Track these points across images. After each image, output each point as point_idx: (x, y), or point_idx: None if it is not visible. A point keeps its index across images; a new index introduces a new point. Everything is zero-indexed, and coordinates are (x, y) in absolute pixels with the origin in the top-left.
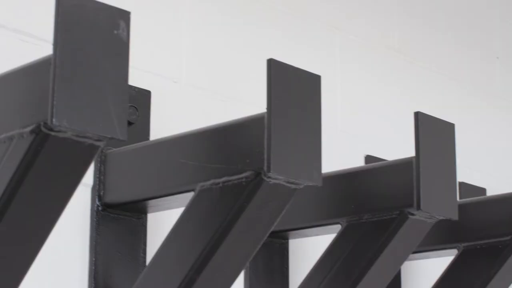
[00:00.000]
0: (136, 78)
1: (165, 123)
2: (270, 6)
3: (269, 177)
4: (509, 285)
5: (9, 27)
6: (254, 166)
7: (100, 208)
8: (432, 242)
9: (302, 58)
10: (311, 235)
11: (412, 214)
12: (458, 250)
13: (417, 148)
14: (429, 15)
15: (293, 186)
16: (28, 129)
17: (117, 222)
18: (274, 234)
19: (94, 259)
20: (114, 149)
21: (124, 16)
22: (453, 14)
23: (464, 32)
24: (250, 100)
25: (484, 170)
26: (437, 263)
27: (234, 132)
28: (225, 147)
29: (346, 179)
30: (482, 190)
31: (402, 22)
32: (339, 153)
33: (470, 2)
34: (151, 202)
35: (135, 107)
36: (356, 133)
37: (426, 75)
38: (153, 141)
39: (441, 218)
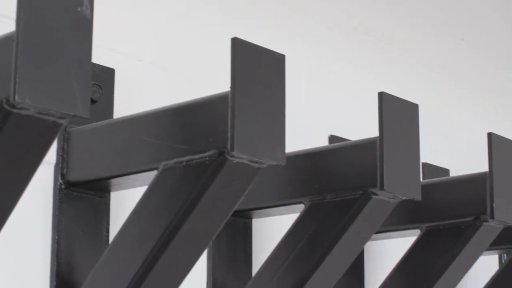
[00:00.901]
0: (100, 56)
1: (129, 102)
2: None
3: (232, 156)
4: (471, 265)
5: None
6: (217, 145)
7: (63, 187)
8: (395, 222)
9: (267, 38)
10: (274, 215)
11: (376, 194)
12: (421, 230)
13: (380, 129)
14: None
15: (256, 165)
16: None
17: (80, 200)
18: (237, 213)
19: (56, 237)
20: (78, 127)
21: None
22: None
23: (430, 14)
24: (214, 79)
25: (448, 151)
26: (400, 243)
27: (198, 111)
28: (188, 126)
29: (309, 159)
30: (446, 171)
31: (369, 4)
32: (303, 133)
33: None
34: (114, 181)
35: (98, 85)
36: (320, 113)
37: (392, 56)
38: (116, 119)
39: (404, 198)
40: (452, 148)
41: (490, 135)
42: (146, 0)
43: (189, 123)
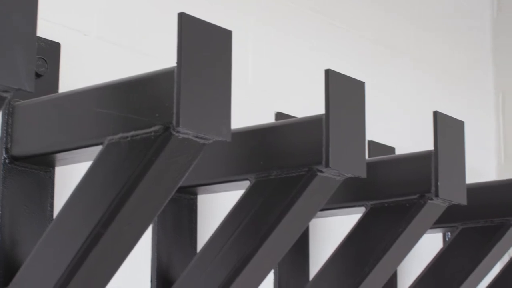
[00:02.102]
0: (46, 30)
1: (74, 76)
2: None
3: (178, 132)
4: (415, 243)
5: None
6: (163, 120)
7: (7, 161)
8: (340, 200)
9: (215, 13)
10: (219, 191)
11: (321, 172)
12: (366, 208)
13: (327, 106)
14: None
15: (202, 141)
16: None
17: (24, 175)
18: (182, 190)
19: (0, 212)
20: (22, 101)
21: None
22: None
23: None
24: (161, 54)
25: (394, 129)
26: (345, 221)
27: (144, 86)
28: (134, 101)
29: (255, 135)
30: (391, 149)
31: None
32: (250, 109)
33: None
34: (59, 156)
35: (44, 59)
36: (267, 90)
37: (340, 34)
38: (61, 93)
39: (349, 175)
40: (398, 126)
41: (435, 114)
42: None
43: (135, 98)
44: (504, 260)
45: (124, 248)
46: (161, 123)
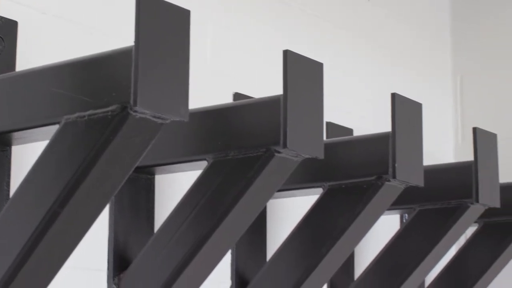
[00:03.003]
0: (3, 8)
1: (32, 55)
2: None
3: (135, 111)
4: (372, 224)
5: None
6: (120, 100)
7: None
8: (298, 181)
9: None
10: (177, 171)
11: (279, 152)
12: (323, 189)
13: (285, 87)
14: None
15: (159, 121)
16: None
17: None
18: (140, 169)
19: None
20: None
21: None
22: None
23: None
24: (119, 33)
25: (352, 111)
26: (302, 202)
27: (102, 65)
28: (91, 80)
29: (213, 116)
30: (349, 131)
31: None
32: (208, 89)
33: None
34: (16, 134)
35: (1, 38)
36: (225, 71)
37: (300, 15)
38: (18, 72)
39: (307, 156)
40: (356, 108)
41: (393, 96)
42: None
43: (92, 77)
44: (461, 241)
45: (81, 228)
46: (119, 102)
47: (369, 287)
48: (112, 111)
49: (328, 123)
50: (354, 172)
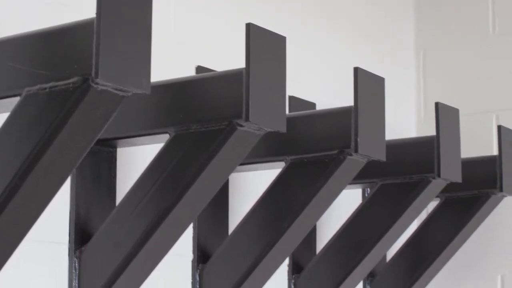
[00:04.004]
0: None
1: None
2: None
3: (96, 84)
4: (334, 199)
5: None
6: (81, 72)
7: None
8: (260, 154)
9: None
10: (139, 144)
11: (241, 126)
12: (285, 162)
13: (247, 60)
14: None
15: (121, 93)
16: None
17: None
18: (102, 142)
19: None
20: None
21: None
22: None
23: None
24: (80, 5)
25: (315, 84)
26: (265, 175)
27: (63, 37)
28: (53, 52)
29: (175, 89)
30: (312, 105)
31: None
32: (170, 63)
33: None
34: None
35: None
36: (188, 44)
37: None
38: None
39: (269, 130)
40: (319, 82)
41: (356, 70)
42: None
43: (54, 49)
44: (422, 216)
45: (42, 201)
46: (80, 74)
47: (331, 261)
48: (73, 83)
49: (290, 97)
50: (316, 146)
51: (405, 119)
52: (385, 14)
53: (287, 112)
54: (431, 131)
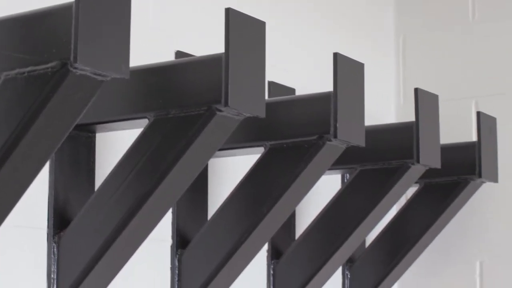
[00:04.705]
0: None
1: None
2: None
3: (75, 68)
4: (313, 184)
5: None
6: (60, 56)
7: None
8: (239, 140)
9: None
10: (118, 129)
11: (220, 111)
12: (264, 148)
13: (226, 45)
14: None
15: (100, 78)
16: None
17: None
18: (80, 127)
19: None
20: None
21: None
22: None
23: None
24: None
25: (295, 70)
26: (244, 161)
27: (41, 21)
28: (31, 36)
29: (155, 73)
30: (292, 90)
31: None
32: (150, 47)
33: None
34: None
35: None
36: (168, 28)
37: None
38: None
39: (248, 115)
40: (299, 67)
41: (335, 55)
42: None
43: (32, 33)
44: (401, 202)
45: (20, 186)
46: (59, 59)
47: (310, 247)
48: (52, 67)
49: (270, 82)
50: (295, 132)
51: (384, 105)
52: (365, 0)
53: (266, 97)
54: (410, 117)
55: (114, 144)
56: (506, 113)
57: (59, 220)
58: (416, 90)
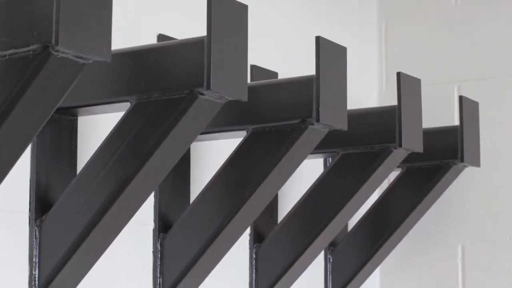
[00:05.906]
0: None
1: None
2: None
3: (57, 51)
4: (296, 168)
5: None
6: (42, 39)
7: None
8: (221, 123)
9: None
10: (100, 113)
11: (202, 94)
12: (247, 132)
13: (208, 28)
14: None
15: (81, 61)
16: None
17: None
18: (62, 111)
19: None
20: None
21: None
22: None
23: None
24: None
25: (277, 54)
26: (226, 145)
27: (22, 4)
28: (12, 18)
29: (136, 57)
30: (274, 74)
31: None
32: (132, 31)
33: None
34: None
35: None
36: (150, 12)
37: None
38: None
39: (230, 98)
40: (281, 51)
41: (318, 39)
42: None
43: (13, 16)
44: (384, 186)
45: (2, 169)
46: (40, 42)
47: (292, 231)
48: (33, 50)
49: (252, 66)
50: (278, 115)
51: (367, 89)
52: None
53: (248, 81)
54: (393, 101)
55: (96, 128)
56: (489, 97)
57: (41, 204)
58: (398, 74)
